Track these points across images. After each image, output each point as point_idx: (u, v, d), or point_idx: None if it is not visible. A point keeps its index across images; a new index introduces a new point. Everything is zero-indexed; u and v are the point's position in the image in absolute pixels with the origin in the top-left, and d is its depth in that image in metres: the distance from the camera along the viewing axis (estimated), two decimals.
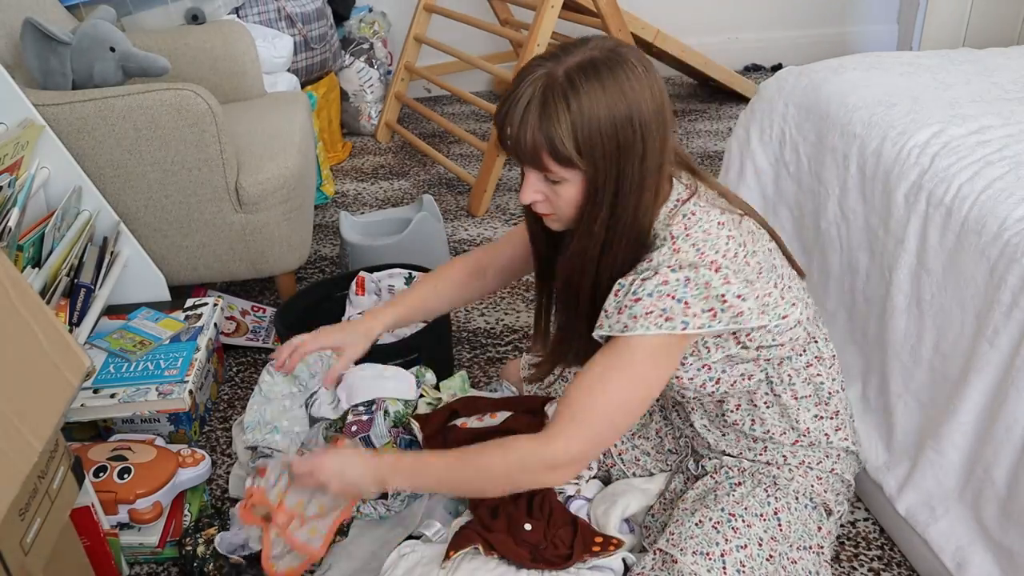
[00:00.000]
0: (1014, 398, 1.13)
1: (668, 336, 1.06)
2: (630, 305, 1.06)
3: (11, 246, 1.42)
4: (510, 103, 1.03)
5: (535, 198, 1.09)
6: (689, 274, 1.05)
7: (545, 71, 1.02)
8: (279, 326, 1.73)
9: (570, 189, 1.06)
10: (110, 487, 1.38)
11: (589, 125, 1.00)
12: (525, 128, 1.02)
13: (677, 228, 1.08)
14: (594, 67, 1.01)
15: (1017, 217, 1.18)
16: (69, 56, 1.76)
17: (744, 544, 1.14)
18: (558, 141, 1.01)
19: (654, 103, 1.04)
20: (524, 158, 1.05)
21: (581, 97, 1.00)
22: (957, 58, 1.79)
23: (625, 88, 1.01)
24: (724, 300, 1.05)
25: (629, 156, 1.03)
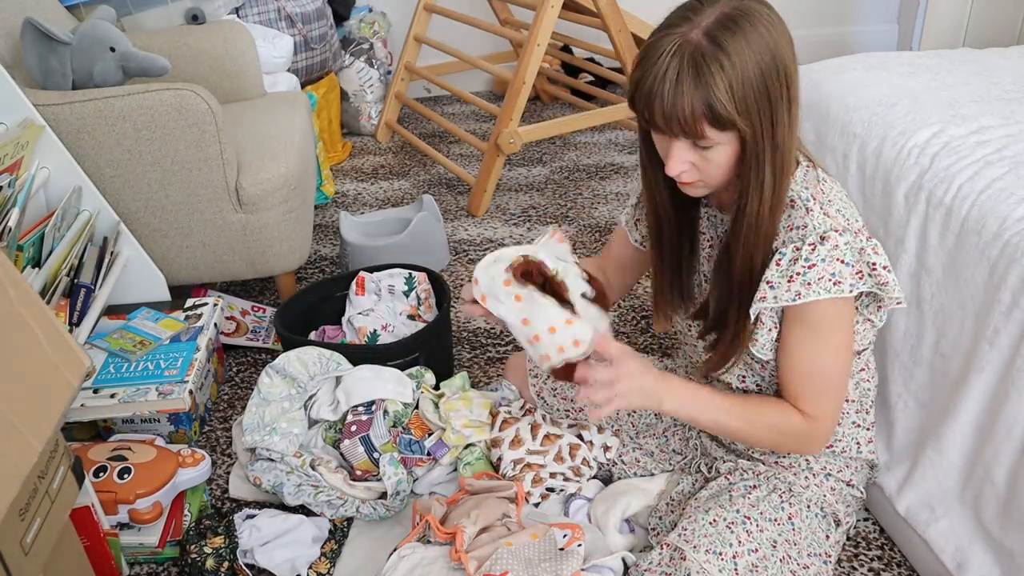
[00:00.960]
0: (1014, 398, 1.13)
1: (839, 300, 1.07)
2: (803, 272, 1.06)
3: (11, 246, 1.42)
4: (654, 77, 0.99)
5: (683, 168, 1.06)
6: (849, 239, 1.07)
7: (681, 37, 0.99)
8: (279, 326, 1.73)
9: (722, 153, 1.03)
10: (110, 487, 1.38)
11: (744, 83, 0.98)
12: (680, 99, 0.98)
13: (818, 193, 1.09)
14: (733, 21, 0.98)
15: (1017, 217, 1.18)
16: (69, 56, 1.76)
17: (756, 548, 1.14)
18: (719, 105, 0.97)
19: (789, 48, 1.02)
20: (679, 129, 1.01)
21: (731, 55, 0.97)
22: (957, 58, 1.79)
23: (766, 37, 0.99)
24: (874, 267, 1.08)
25: (780, 106, 1.01)
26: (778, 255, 1.08)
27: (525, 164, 2.97)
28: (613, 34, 2.68)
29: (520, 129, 2.54)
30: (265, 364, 1.91)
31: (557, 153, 3.05)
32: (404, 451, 1.48)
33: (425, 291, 1.83)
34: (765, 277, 1.09)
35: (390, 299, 1.83)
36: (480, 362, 1.90)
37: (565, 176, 2.86)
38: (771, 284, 1.08)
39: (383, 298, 1.83)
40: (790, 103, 1.02)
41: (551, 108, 3.51)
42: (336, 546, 1.39)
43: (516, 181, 2.83)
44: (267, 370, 1.57)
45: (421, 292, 1.83)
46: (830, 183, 1.12)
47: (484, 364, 1.89)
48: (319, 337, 1.84)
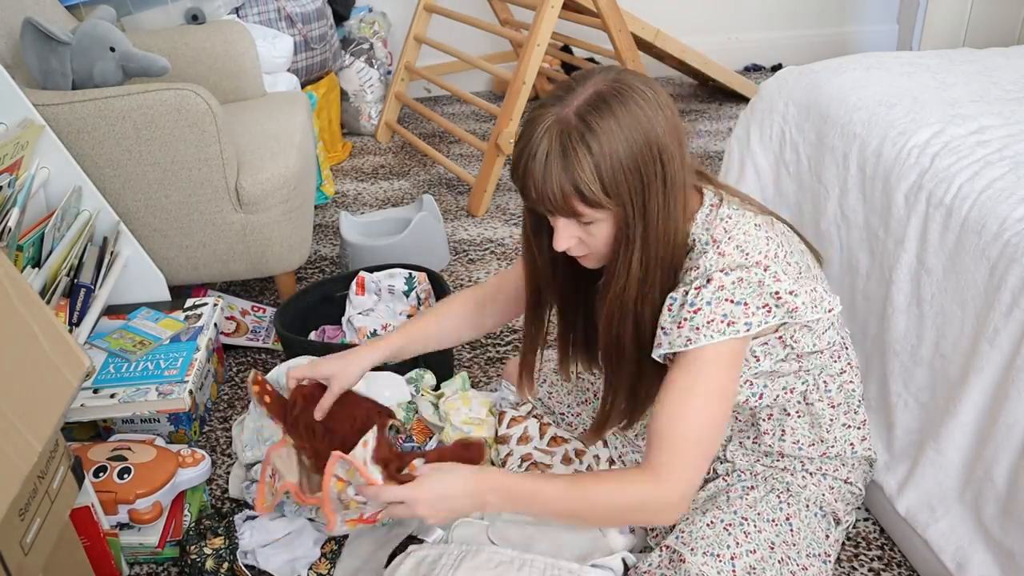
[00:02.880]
0: (1014, 398, 1.13)
1: (732, 341, 1.04)
2: (690, 317, 1.04)
3: (11, 246, 1.42)
4: (527, 157, 1.00)
5: (571, 243, 1.07)
6: (741, 275, 1.04)
7: (554, 116, 0.99)
8: (279, 326, 1.73)
9: (603, 228, 1.04)
10: (110, 487, 1.38)
11: (612, 163, 0.98)
12: (550, 180, 0.99)
13: (718, 232, 1.07)
14: (604, 101, 0.98)
15: (1017, 217, 1.18)
16: (69, 56, 1.76)
17: (754, 549, 1.14)
18: (584, 187, 0.98)
19: (667, 123, 1.01)
20: (553, 208, 1.02)
21: (599, 136, 0.97)
22: (957, 58, 1.79)
23: (638, 116, 0.99)
24: (778, 296, 1.05)
25: (652, 186, 1.01)
26: (669, 300, 1.07)
27: None
28: (613, 34, 2.68)
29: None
30: (265, 364, 1.91)
31: None
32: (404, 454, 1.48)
33: (425, 291, 1.83)
34: (660, 323, 1.08)
35: (390, 299, 1.83)
36: (480, 362, 1.90)
37: None
38: (664, 330, 1.07)
39: (383, 298, 1.83)
40: (665, 182, 1.01)
41: None
42: (336, 547, 1.39)
43: None
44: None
45: (421, 292, 1.83)
46: (736, 218, 1.08)
47: (484, 364, 1.89)
48: (319, 337, 1.84)
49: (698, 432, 1.05)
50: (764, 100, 1.79)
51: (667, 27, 3.03)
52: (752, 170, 1.82)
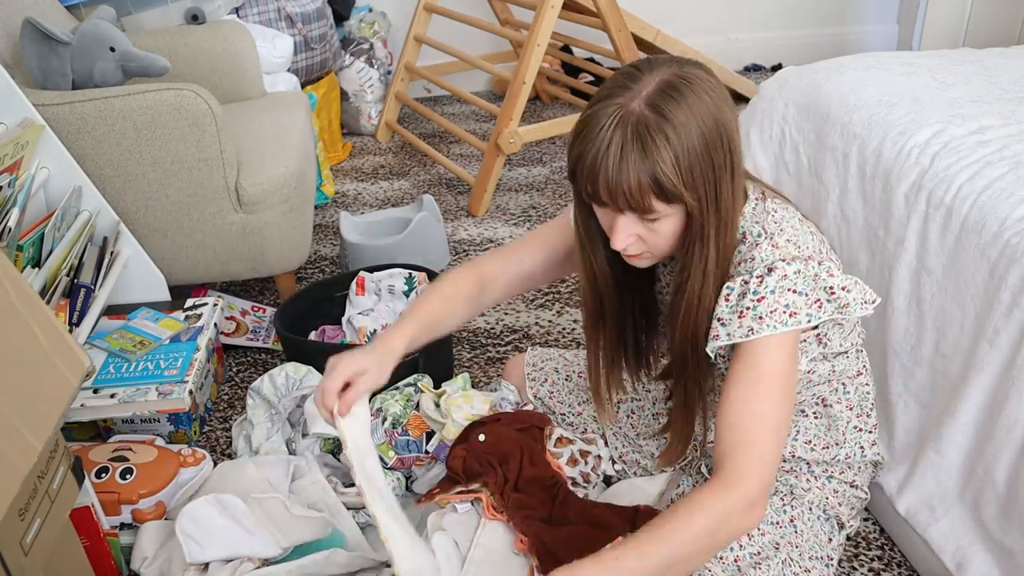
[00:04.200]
0: (1014, 398, 1.13)
1: (793, 332, 1.03)
2: (753, 306, 1.01)
3: (11, 246, 1.42)
4: (596, 152, 0.96)
5: (629, 241, 1.03)
6: (800, 267, 1.02)
7: (621, 107, 0.95)
8: (279, 326, 1.73)
9: (668, 224, 1.01)
10: (112, 488, 1.38)
11: (689, 153, 0.95)
12: (626, 173, 0.95)
13: (769, 225, 1.05)
14: (675, 88, 0.95)
15: (1017, 217, 1.18)
16: (69, 56, 1.76)
17: (758, 550, 1.14)
18: (664, 179, 0.94)
19: (730, 111, 0.99)
20: (623, 204, 0.98)
21: (676, 125, 0.94)
22: (957, 58, 1.79)
23: (708, 104, 0.96)
24: (832, 292, 1.03)
25: (723, 175, 0.99)
26: (726, 289, 1.04)
27: (525, 164, 2.97)
28: (613, 34, 2.68)
29: (520, 129, 2.54)
30: (265, 364, 1.92)
31: (557, 153, 3.05)
32: (401, 451, 1.48)
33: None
34: (716, 314, 1.05)
35: (390, 299, 1.83)
36: (480, 362, 1.90)
37: (565, 176, 2.86)
38: (722, 321, 1.04)
39: (383, 298, 1.83)
40: (733, 171, 1.00)
41: (551, 108, 3.51)
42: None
43: (516, 181, 2.83)
44: (250, 392, 1.58)
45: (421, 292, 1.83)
46: (781, 212, 1.08)
47: (484, 364, 1.89)
48: (319, 337, 1.84)
49: (771, 427, 1.02)
50: (764, 100, 1.79)
51: (667, 27, 3.03)
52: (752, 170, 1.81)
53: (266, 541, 1.28)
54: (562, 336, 1.99)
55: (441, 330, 1.27)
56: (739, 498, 0.98)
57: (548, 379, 1.51)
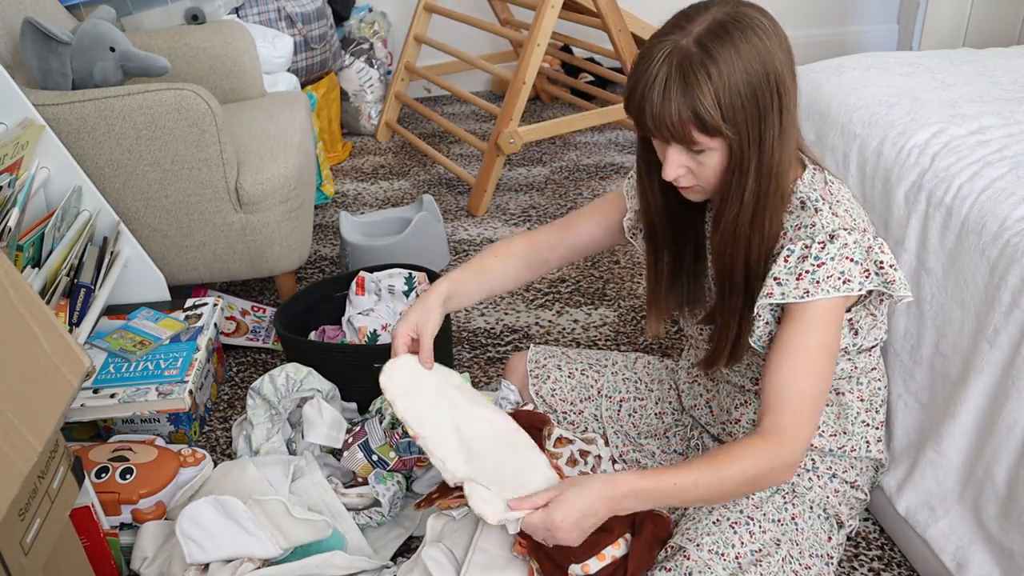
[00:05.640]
0: (1014, 398, 1.13)
1: (842, 301, 1.07)
2: (812, 270, 1.06)
3: (11, 246, 1.42)
4: (645, 83, 1.01)
5: (679, 172, 1.07)
6: (858, 237, 1.07)
7: (673, 44, 1.00)
8: (279, 326, 1.73)
9: (714, 157, 1.04)
10: (113, 488, 1.38)
11: (731, 91, 0.98)
12: (669, 105, 0.99)
13: (826, 194, 1.10)
14: (724, 29, 0.99)
15: (1017, 217, 1.18)
16: (69, 56, 1.76)
17: (759, 548, 1.14)
18: (704, 112, 0.99)
19: (784, 56, 1.02)
20: (668, 134, 1.03)
21: (719, 64, 0.98)
22: (957, 58, 1.79)
23: (758, 46, 0.99)
24: (881, 266, 1.08)
25: (769, 116, 1.02)
26: (786, 251, 1.08)
27: (525, 164, 2.97)
28: (613, 34, 2.68)
29: (520, 129, 2.54)
30: (265, 364, 1.92)
31: (557, 153, 3.05)
32: (403, 453, 1.48)
33: (425, 291, 1.83)
34: (772, 273, 1.08)
35: (390, 299, 1.83)
36: (480, 362, 1.90)
37: (565, 176, 2.86)
38: (779, 280, 1.08)
39: (383, 298, 1.83)
40: (782, 113, 1.03)
41: (551, 108, 3.51)
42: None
43: (516, 181, 2.83)
44: (250, 392, 1.58)
45: (421, 292, 1.83)
46: (838, 184, 1.13)
47: (484, 364, 1.89)
48: (319, 337, 1.84)
49: (815, 388, 1.07)
50: None
51: None
52: None
53: (266, 542, 1.28)
54: (562, 336, 1.99)
55: (492, 280, 1.34)
56: (784, 459, 1.05)
57: (551, 376, 1.51)
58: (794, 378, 1.06)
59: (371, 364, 1.63)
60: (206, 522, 1.27)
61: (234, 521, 1.28)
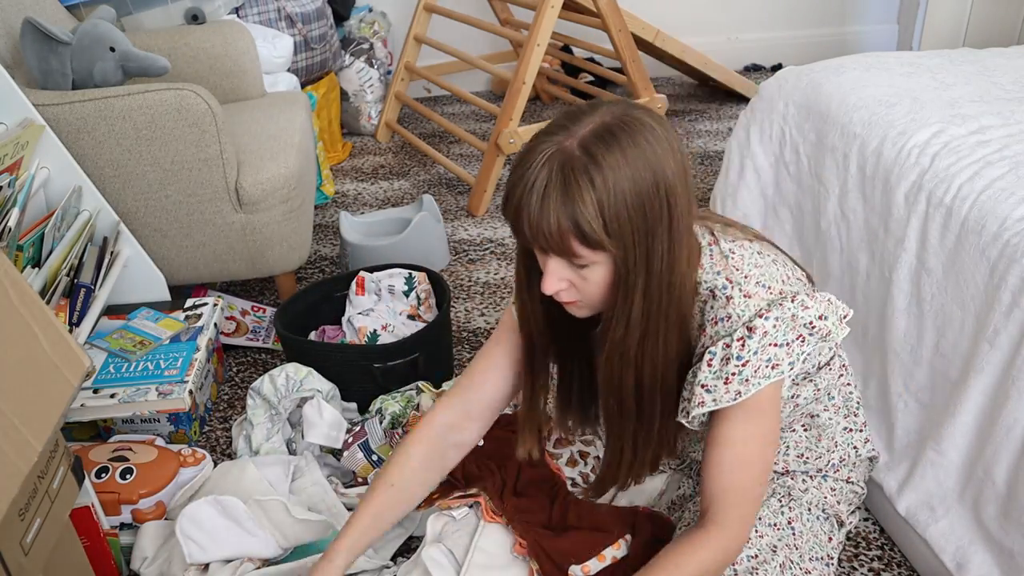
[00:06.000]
0: (1014, 398, 1.13)
1: (778, 383, 1.02)
2: (738, 371, 0.99)
3: (11, 246, 1.42)
4: (524, 187, 0.92)
5: (560, 287, 0.98)
6: (777, 314, 0.99)
7: (556, 146, 0.91)
8: (279, 326, 1.73)
9: (598, 272, 0.96)
10: (113, 488, 1.38)
11: (615, 201, 0.90)
12: (547, 214, 0.91)
13: (730, 273, 1.02)
14: (611, 134, 0.91)
15: (1017, 217, 1.18)
16: (69, 56, 1.76)
17: (755, 554, 1.14)
18: (585, 224, 0.90)
19: (676, 163, 0.94)
20: (547, 246, 0.94)
21: (604, 170, 0.89)
22: (957, 58, 1.79)
23: (646, 152, 0.91)
24: (812, 326, 1.01)
25: (658, 229, 0.94)
26: (708, 354, 1.01)
27: None
28: (613, 34, 2.68)
29: (520, 129, 2.54)
30: (265, 364, 1.92)
31: None
32: None
33: (425, 291, 1.83)
34: (699, 380, 1.02)
35: (390, 299, 1.83)
36: None
37: None
38: (707, 388, 1.02)
39: (383, 298, 1.83)
40: (671, 227, 0.94)
41: (551, 108, 3.51)
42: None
43: None
44: (250, 392, 1.58)
45: (421, 292, 1.83)
46: (738, 252, 1.04)
47: None
48: (319, 337, 1.84)
49: (754, 480, 1.04)
50: (764, 100, 1.79)
51: (667, 27, 3.03)
52: (752, 170, 1.82)
53: (266, 542, 1.28)
54: None
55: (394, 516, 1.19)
56: (735, 544, 1.04)
57: None
58: (735, 473, 1.03)
59: (371, 364, 1.64)
60: (206, 522, 1.27)
61: (234, 521, 1.28)
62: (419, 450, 1.19)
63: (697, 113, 3.36)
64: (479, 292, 2.17)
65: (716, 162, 2.87)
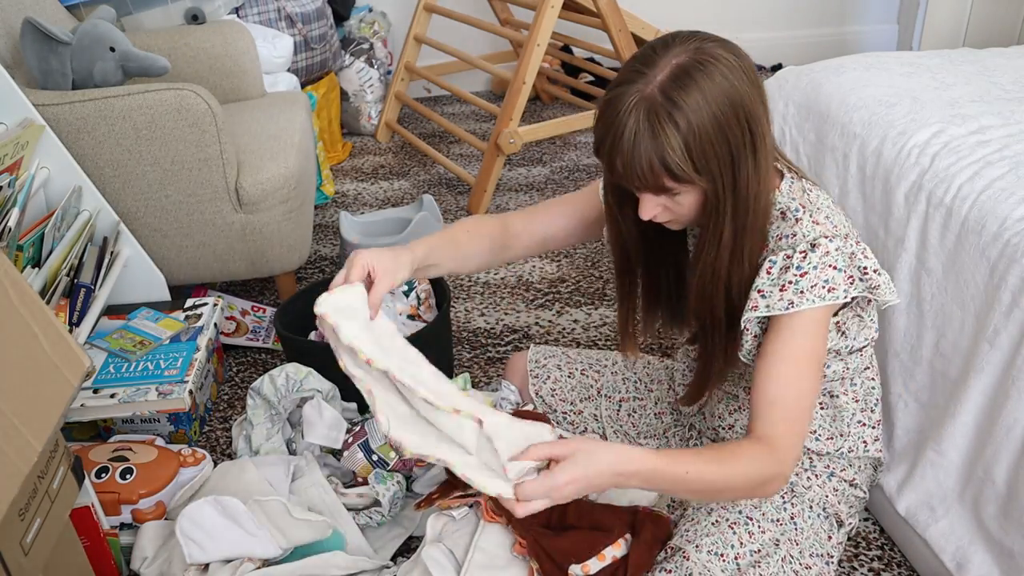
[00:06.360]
0: (1014, 398, 1.13)
1: (828, 309, 1.06)
2: (795, 280, 1.05)
3: (11, 246, 1.42)
4: (613, 136, 1.00)
5: (655, 212, 1.06)
6: (840, 244, 1.06)
7: (638, 94, 0.98)
8: (279, 326, 1.73)
9: (690, 197, 1.03)
10: (113, 488, 1.38)
11: (701, 138, 0.97)
12: (639, 158, 0.98)
13: (805, 202, 1.09)
14: (687, 74, 0.97)
15: (1017, 217, 1.18)
16: (69, 56, 1.76)
17: (758, 548, 1.14)
18: (674, 164, 0.97)
19: (753, 89, 1.00)
20: (641, 185, 1.02)
21: (687, 112, 0.96)
22: (957, 58, 1.79)
23: (723, 85, 0.97)
24: (864, 272, 1.07)
25: (742, 156, 1.00)
26: (768, 263, 1.07)
27: (525, 164, 2.97)
28: (613, 34, 2.68)
29: (520, 129, 2.54)
30: (265, 364, 1.92)
31: (557, 153, 3.05)
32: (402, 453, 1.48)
33: (425, 291, 1.83)
34: (756, 285, 1.08)
35: (390, 299, 1.82)
36: (480, 362, 1.90)
37: (565, 176, 2.86)
38: (762, 293, 1.07)
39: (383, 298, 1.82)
40: (755, 148, 1.01)
41: (551, 108, 3.51)
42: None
43: (516, 181, 2.83)
44: (250, 392, 1.58)
45: (421, 292, 1.83)
46: (816, 192, 1.12)
47: (484, 364, 1.89)
48: (319, 337, 1.84)
49: (805, 398, 1.06)
50: None
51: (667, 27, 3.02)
52: None
53: (266, 542, 1.28)
54: (562, 336, 1.99)
55: (461, 254, 1.27)
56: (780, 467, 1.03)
57: (551, 376, 1.51)
58: (783, 386, 1.05)
59: None
60: (206, 522, 1.27)
61: (234, 521, 1.28)
62: (490, 229, 1.29)
63: None
64: (479, 292, 2.17)
65: None
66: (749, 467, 1.03)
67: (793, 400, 1.05)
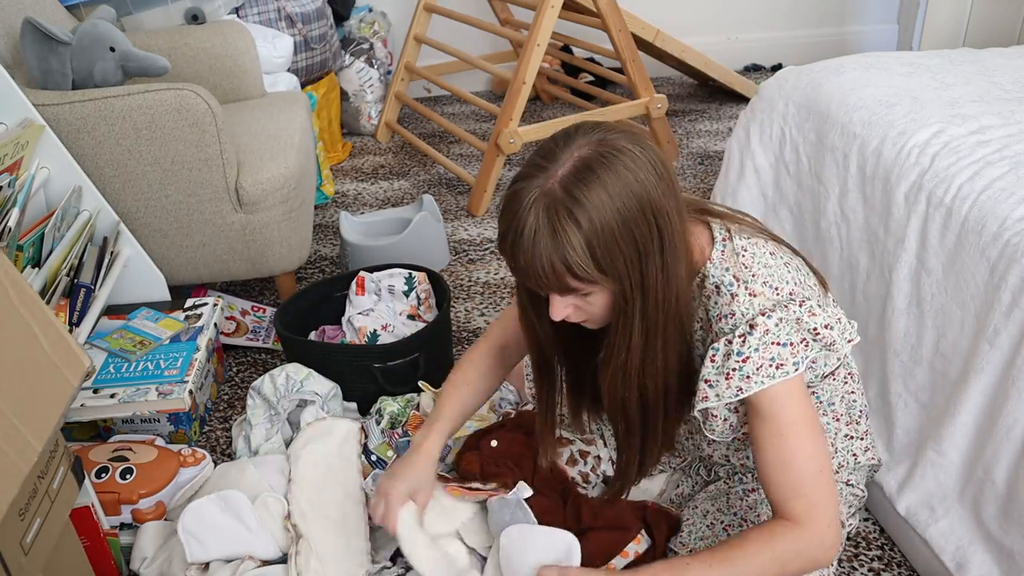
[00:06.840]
0: (1014, 398, 1.13)
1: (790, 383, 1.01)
2: (738, 367, 1.00)
3: (11, 246, 1.42)
4: (513, 233, 0.94)
5: (566, 313, 1.02)
6: (781, 314, 1.00)
7: (539, 189, 0.92)
8: (279, 326, 1.73)
9: (601, 297, 0.99)
10: (113, 488, 1.38)
11: (604, 237, 0.91)
12: (539, 257, 0.93)
13: (739, 271, 1.02)
14: (589, 169, 0.91)
15: (1017, 217, 1.18)
16: (69, 56, 1.76)
17: None
18: (575, 265, 0.92)
19: (660, 180, 0.94)
20: (544, 285, 0.97)
21: (588, 209, 0.90)
22: (957, 58, 1.79)
23: (628, 181, 0.92)
24: (816, 332, 1.01)
25: (650, 255, 0.95)
26: (711, 351, 1.03)
27: None
28: (613, 34, 2.68)
29: (520, 129, 2.54)
30: (265, 364, 1.91)
31: None
32: (401, 451, 1.48)
33: (425, 291, 1.83)
34: (702, 375, 1.03)
35: (390, 299, 1.83)
36: None
37: None
38: (709, 383, 1.03)
39: (383, 298, 1.83)
40: (663, 245, 0.95)
41: (551, 108, 3.51)
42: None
43: None
44: (251, 392, 1.58)
45: (421, 292, 1.83)
46: (751, 249, 1.04)
47: None
48: (319, 337, 1.84)
49: (813, 466, 1.02)
50: (764, 100, 1.79)
51: (667, 27, 3.03)
52: (752, 170, 1.82)
53: (267, 540, 1.28)
54: None
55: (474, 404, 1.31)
56: (815, 538, 1.00)
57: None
58: (788, 468, 1.01)
59: (371, 364, 1.64)
60: (208, 519, 1.28)
61: (237, 518, 1.29)
62: (484, 360, 1.30)
63: (697, 113, 3.36)
64: (479, 292, 2.17)
65: (716, 162, 2.87)
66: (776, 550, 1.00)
67: (798, 476, 1.01)
